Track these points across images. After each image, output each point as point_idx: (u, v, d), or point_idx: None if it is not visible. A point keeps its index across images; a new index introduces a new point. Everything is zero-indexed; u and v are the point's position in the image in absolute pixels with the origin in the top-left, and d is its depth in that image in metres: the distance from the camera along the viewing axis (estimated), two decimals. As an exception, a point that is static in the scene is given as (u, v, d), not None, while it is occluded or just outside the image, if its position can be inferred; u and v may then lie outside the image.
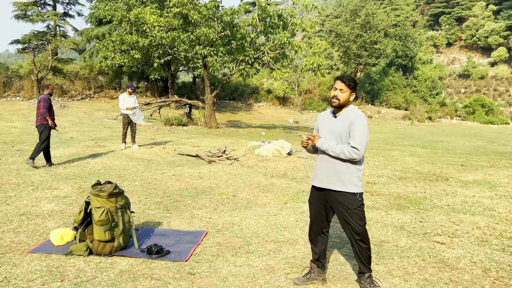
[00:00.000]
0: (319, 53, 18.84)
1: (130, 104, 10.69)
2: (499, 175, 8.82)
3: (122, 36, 18.43)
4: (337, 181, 3.25)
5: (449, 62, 56.44)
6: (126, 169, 8.20)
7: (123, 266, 3.71)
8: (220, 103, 32.01)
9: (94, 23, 30.09)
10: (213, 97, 19.26)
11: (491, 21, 55.04)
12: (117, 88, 28.81)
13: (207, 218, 5.20)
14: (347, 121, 3.24)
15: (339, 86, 3.27)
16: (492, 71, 51.00)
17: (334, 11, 65.95)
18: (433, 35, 58.82)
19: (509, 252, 4.22)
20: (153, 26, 16.83)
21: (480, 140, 18.85)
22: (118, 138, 12.57)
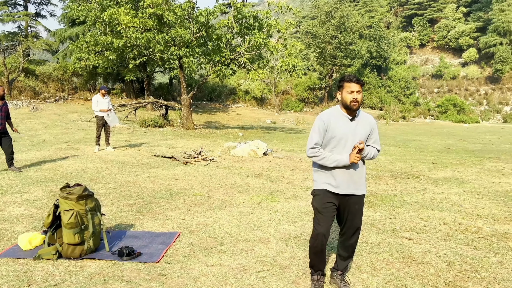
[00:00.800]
0: (295, 54, 19.01)
1: (104, 106, 10.55)
2: (468, 172, 9.09)
3: (96, 37, 18.19)
4: (361, 185, 3.29)
5: (422, 63, 57.65)
6: (99, 172, 8.11)
7: (93, 269, 3.68)
8: (197, 104, 31.89)
9: (67, 23, 29.56)
10: (189, 98, 19.19)
11: (462, 23, 56.50)
12: (91, 89, 28.36)
13: (181, 219, 5.20)
14: (368, 126, 3.27)
15: (356, 88, 3.14)
16: (463, 72, 52.36)
17: (310, 12, 66.52)
18: (406, 36, 59.97)
19: (473, 246, 4.37)
20: (128, 27, 16.67)
21: (452, 138, 19.35)
22: (92, 140, 12.40)
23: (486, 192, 7.06)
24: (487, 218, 5.46)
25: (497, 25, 49.37)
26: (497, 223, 5.24)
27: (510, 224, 5.19)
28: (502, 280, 3.54)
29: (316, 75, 42.76)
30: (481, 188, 7.35)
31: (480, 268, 3.80)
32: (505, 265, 3.86)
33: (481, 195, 6.79)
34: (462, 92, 49.26)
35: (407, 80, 45.17)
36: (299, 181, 7.83)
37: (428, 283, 3.49)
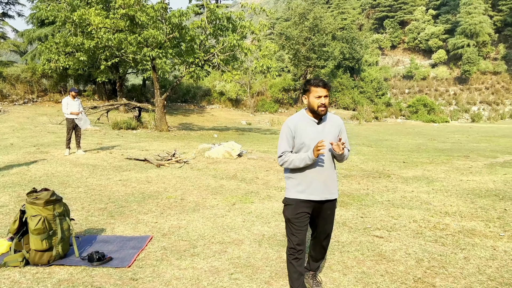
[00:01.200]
0: (269, 55, 19.08)
1: (75, 109, 10.33)
2: (437, 170, 9.33)
3: (66, 37, 17.80)
4: (333, 189, 3.21)
5: (394, 64, 58.84)
6: (69, 176, 7.94)
7: (62, 275, 3.60)
8: (171, 105, 31.60)
9: (35, 24, 28.80)
10: (163, 99, 19.00)
11: (431, 25, 57.98)
12: (62, 91, 27.70)
13: (153, 222, 5.15)
14: (337, 127, 3.19)
15: (323, 92, 3.03)
16: (433, 72, 53.74)
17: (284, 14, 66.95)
18: (378, 38, 61.10)
19: (441, 243, 4.49)
20: (99, 27, 16.38)
21: (422, 138, 19.82)
22: (62, 143, 12.11)
23: (454, 190, 7.26)
24: (454, 215, 5.61)
25: (464, 27, 50.89)
26: (464, 220, 5.39)
27: (476, 220, 5.36)
28: (468, 275, 3.65)
29: (290, 76, 43.05)
30: (449, 186, 7.55)
31: (448, 264, 3.91)
32: (471, 261, 3.98)
33: (449, 193, 6.98)
34: (432, 93, 50.55)
35: (379, 81, 46.01)
36: (274, 182, 7.86)
37: (397, 280, 3.56)
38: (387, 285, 3.46)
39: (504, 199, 6.51)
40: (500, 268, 3.80)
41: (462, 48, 51.08)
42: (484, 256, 4.10)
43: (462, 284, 3.49)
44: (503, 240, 4.60)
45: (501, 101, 48.09)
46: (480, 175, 8.76)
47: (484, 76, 51.61)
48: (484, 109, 47.38)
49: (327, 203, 3.22)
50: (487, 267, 3.84)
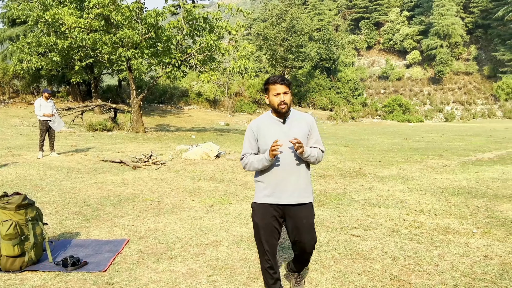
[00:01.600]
0: (246, 56, 19.09)
1: (48, 110, 10.09)
2: (412, 169, 9.50)
3: (38, 37, 17.40)
4: (306, 192, 2.99)
5: (369, 65, 59.78)
6: (43, 179, 7.75)
7: (35, 281, 3.51)
8: (148, 106, 31.26)
9: (6, 23, 28.07)
10: (139, 100, 18.77)
11: (406, 26, 59.17)
12: (35, 93, 27.08)
13: (129, 226, 5.07)
14: (305, 125, 2.97)
15: (281, 89, 2.86)
16: (408, 73, 54.87)
17: (261, 14, 67.12)
18: (354, 38, 61.97)
19: (416, 241, 4.57)
20: (73, 27, 16.06)
21: (398, 137, 20.17)
22: (35, 146, 11.82)
23: (429, 188, 7.41)
24: (429, 213, 5.72)
25: (438, 28, 52.14)
26: (438, 217, 5.51)
27: (450, 218, 5.48)
28: (442, 272, 3.72)
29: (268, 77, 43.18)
30: (424, 185, 7.70)
31: (423, 261, 3.98)
32: (445, 258, 4.07)
33: (424, 191, 7.11)
34: (407, 93, 51.58)
35: (355, 82, 46.66)
36: (252, 183, 7.86)
37: (374, 278, 3.61)
38: (364, 284, 3.50)
39: (477, 197, 6.68)
40: (473, 264, 3.89)
41: (435, 49, 52.32)
42: (457, 253, 4.19)
43: (437, 280, 3.55)
44: (476, 236, 4.71)
45: (473, 101, 49.44)
46: (454, 173, 8.97)
47: (457, 76, 52.97)
48: (457, 108, 48.60)
49: (299, 209, 2.98)
50: (460, 263, 3.92)
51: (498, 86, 47.38)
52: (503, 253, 4.17)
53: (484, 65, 53.24)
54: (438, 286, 3.45)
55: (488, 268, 3.81)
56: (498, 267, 3.83)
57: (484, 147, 14.82)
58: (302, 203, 2.98)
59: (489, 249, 4.30)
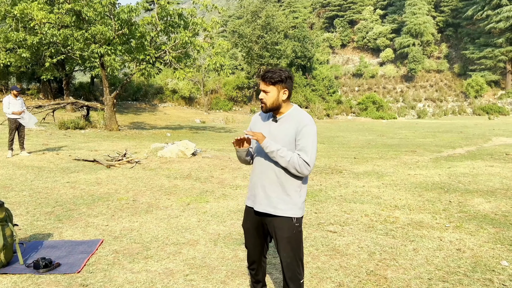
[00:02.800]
0: (222, 53, 19.00)
1: (17, 108, 9.77)
2: (386, 165, 9.66)
3: (6, 33, 16.84)
4: (279, 203, 2.58)
5: (344, 62, 60.44)
6: (12, 179, 7.50)
7: (4, 284, 3.38)
8: (122, 104, 30.74)
9: (-28, 18, 27.02)
10: (112, 98, 18.43)
11: (379, 25, 60.06)
12: (3, 90, 26.23)
13: (104, 225, 4.96)
14: (293, 126, 2.55)
15: (262, 87, 2.59)
16: (381, 71, 55.72)
17: (236, 11, 66.92)
18: (328, 36, 62.52)
19: (391, 236, 4.64)
20: (43, 23, 15.61)
21: (372, 134, 20.48)
22: (4, 145, 11.44)
23: (403, 184, 7.54)
24: (403, 208, 5.82)
25: (410, 27, 53.13)
26: (412, 212, 5.61)
27: (424, 213, 5.59)
28: (417, 266, 3.79)
29: (244, 74, 43.13)
30: (398, 180, 7.84)
31: (398, 256, 4.04)
32: (420, 252, 4.14)
33: (398, 187, 7.24)
34: (381, 90, 52.39)
35: (330, 79, 47.11)
36: (229, 180, 7.83)
37: (351, 274, 3.64)
38: (341, 279, 3.53)
39: (449, 192, 6.83)
40: (447, 258, 3.98)
41: (408, 47, 53.33)
42: (431, 247, 4.27)
43: (412, 275, 3.61)
44: (449, 231, 4.82)
45: (444, 98, 50.63)
46: (427, 169, 9.16)
47: (429, 74, 54.15)
48: (429, 105, 49.69)
49: (272, 221, 2.62)
50: (434, 257, 4.00)
51: (468, 84, 48.69)
52: (475, 247, 4.28)
53: (454, 63, 54.60)
54: (413, 280, 3.51)
55: (461, 261, 3.90)
56: (470, 260, 3.93)
57: (455, 143, 15.20)
58: (271, 214, 2.61)
59: (461, 242, 4.40)
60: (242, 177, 8.11)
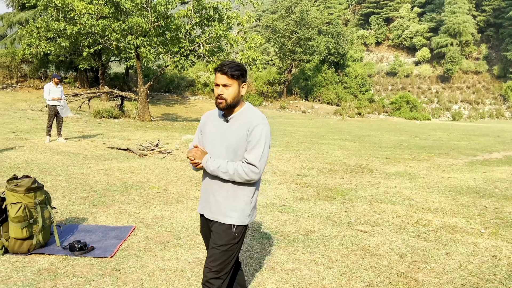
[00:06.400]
0: (255, 47, 19.00)
1: (57, 95, 10.11)
2: (419, 167, 9.45)
3: (48, 22, 17.38)
4: (229, 210, 2.36)
5: (378, 60, 59.35)
6: (50, 163, 7.76)
7: (42, 264, 3.52)
8: (154, 95, 31.24)
9: (16, 7, 28.06)
10: (146, 89, 18.75)
11: (416, 23, 58.62)
12: (42, 77, 27.10)
13: (136, 213, 5.07)
14: (244, 127, 2.32)
15: (221, 80, 2.31)
16: (416, 70, 54.45)
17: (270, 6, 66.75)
18: (363, 34, 61.48)
19: (424, 238, 4.54)
20: (82, 13, 16.02)
21: (404, 134, 20.05)
22: (42, 130, 11.85)
23: (436, 186, 7.36)
24: (436, 211, 5.69)
25: (448, 26, 51.63)
26: (446, 216, 5.47)
27: (458, 217, 5.44)
28: (450, 271, 3.70)
29: (275, 69, 43.00)
30: (431, 183, 7.66)
31: (430, 259, 3.95)
32: (453, 256, 4.04)
33: (432, 189, 7.07)
34: (415, 90, 51.23)
35: (363, 77, 46.35)
36: (258, 175, 7.84)
37: (381, 274, 3.59)
38: (371, 279, 3.49)
39: (484, 197, 6.63)
40: (481, 264, 3.86)
41: (445, 47, 51.85)
42: (465, 252, 4.16)
43: (444, 279, 3.53)
44: (484, 237, 4.68)
45: (481, 101, 49.07)
46: (461, 172, 8.91)
47: (466, 75, 52.54)
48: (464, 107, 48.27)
49: (214, 225, 2.41)
50: (468, 263, 3.90)
51: (507, 87, 46.96)
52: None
53: (494, 65, 52.73)
54: (445, 284, 3.43)
55: (496, 268, 3.78)
56: (506, 268, 3.80)
57: (492, 147, 14.71)
58: (217, 221, 2.40)
59: (497, 249, 4.27)
60: (271, 172, 8.11)
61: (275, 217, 5.15)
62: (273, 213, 5.29)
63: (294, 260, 3.82)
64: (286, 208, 5.54)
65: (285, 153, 10.79)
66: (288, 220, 5.04)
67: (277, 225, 4.84)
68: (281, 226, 4.79)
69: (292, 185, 7.06)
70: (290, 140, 14.42)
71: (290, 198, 6.13)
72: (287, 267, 3.66)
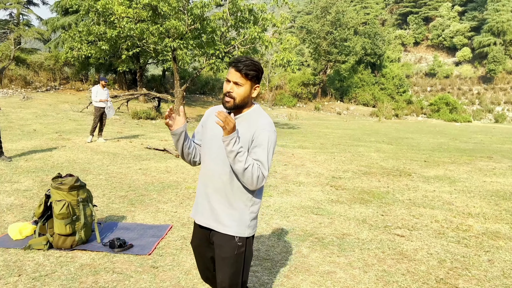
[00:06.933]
0: (290, 49, 18.96)
1: (103, 97, 10.60)
2: (459, 171, 9.15)
3: (89, 26, 18.00)
4: (226, 219, 2.16)
5: (416, 61, 57.89)
6: (90, 163, 8.04)
7: (84, 260, 3.65)
8: (190, 97, 31.74)
9: (59, 12, 29.18)
10: (182, 90, 19.07)
11: (457, 22, 56.79)
12: (83, 80, 28.09)
13: (173, 212, 5.18)
14: (250, 130, 2.13)
15: (233, 77, 2.14)
16: (457, 71, 52.70)
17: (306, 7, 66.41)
18: (401, 34, 60.14)
19: (464, 244, 4.40)
20: (121, 17, 16.50)
21: (444, 137, 19.46)
22: (83, 131, 12.29)
23: (478, 191, 7.11)
24: (478, 216, 5.49)
25: (491, 25, 49.69)
26: (488, 222, 5.28)
27: (501, 223, 5.23)
28: (492, 278, 3.57)
29: (310, 70, 42.75)
30: (472, 187, 7.40)
31: (471, 266, 3.83)
32: (495, 264, 3.89)
33: (473, 194, 6.83)
34: (455, 91, 49.59)
35: (401, 78, 45.33)
36: (292, 177, 7.83)
37: (419, 280, 3.51)
38: (408, 285, 3.41)
39: (530, 202, 6.34)
40: (526, 273, 3.70)
41: (488, 47, 49.93)
42: (509, 260, 4.00)
43: (486, 287, 3.41)
44: (529, 244, 4.48)
45: (526, 102, 46.89)
46: (504, 177, 8.57)
47: (510, 75, 50.35)
48: (508, 109, 46.27)
49: (215, 236, 2.21)
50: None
51: (555, 87, 44.69)
52: (560, 263, 3.94)
53: (540, 65, 50.31)
54: (488, 292, 3.31)
55: (543, 277, 3.61)
56: (554, 277, 3.63)
57: (538, 151, 14.05)
58: (217, 232, 2.19)
59: (544, 257, 4.08)
60: (306, 174, 8.07)
61: (309, 219, 5.12)
62: (308, 215, 5.27)
63: (329, 263, 3.79)
64: (321, 211, 5.50)
65: (320, 155, 10.70)
66: (323, 222, 5.00)
67: (312, 227, 4.81)
68: (315, 229, 4.76)
69: (327, 187, 7.00)
70: (324, 142, 14.30)
71: (325, 200, 6.08)
72: (322, 270, 3.64)
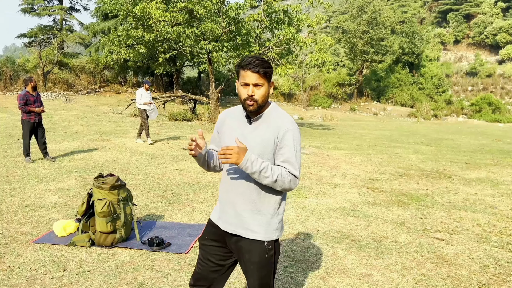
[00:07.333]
0: (325, 49, 18.81)
1: (147, 100, 10.97)
2: (503, 173, 8.79)
3: (127, 30, 18.51)
4: (253, 224, 2.11)
5: (456, 60, 56.07)
6: (129, 163, 8.27)
7: (124, 257, 3.76)
8: (225, 98, 32.05)
9: (100, 17, 30.18)
10: (217, 92, 19.30)
11: (500, 19, 54.59)
12: (122, 82, 28.91)
13: (209, 212, 5.25)
14: (272, 132, 2.08)
15: (252, 79, 2.03)
16: (500, 69, 50.63)
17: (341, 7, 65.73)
18: (440, 32, 58.42)
19: (508, 249, 4.23)
20: (159, 21, 16.88)
21: (486, 138, 18.76)
22: (122, 132, 12.64)
23: (522, 194, 6.81)
24: (523, 221, 5.27)
25: (537, 21, 47.45)
26: (534, 226, 5.05)
27: (548, 228, 5.00)
28: (539, 286, 3.42)
29: (345, 71, 42.23)
30: (517, 190, 7.10)
31: (516, 272, 3.68)
32: (543, 270, 3.72)
33: (517, 197, 6.56)
34: (498, 91, 47.65)
35: (440, 78, 43.99)
36: (327, 178, 7.76)
37: (460, 285, 3.40)
38: (449, 290, 3.32)
39: None
40: None
41: (533, 44, 47.70)
42: (557, 266, 3.81)
43: (533, 294, 3.27)
44: None
45: None
46: (552, 179, 8.16)
47: (557, 74, 47.89)
48: (556, 109, 44.01)
49: (239, 241, 2.15)
50: (561, 278, 3.57)
51: None
52: None
53: None
54: (534, 300, 3.18)
55: None
56: None
57: None
58: (244, 238, 2.13)
59: None
60: (341, 176, 7.98)
61: (345, 221, 5.07)
62: (344, 217, 5.22)
63: (366, 266, 3.74)
64: (357, 213, 5.43)
65: (356, 157, 10.56)
66: (360, 225, 4.94)
67: (348, 229, 4.76)
68: (352, 231, 4.71)
69: (363, 189, 6.90)
70: (360, 143, 14.09)
71: (361, 202, 6.00)
72: (359, 272, 3.60)
